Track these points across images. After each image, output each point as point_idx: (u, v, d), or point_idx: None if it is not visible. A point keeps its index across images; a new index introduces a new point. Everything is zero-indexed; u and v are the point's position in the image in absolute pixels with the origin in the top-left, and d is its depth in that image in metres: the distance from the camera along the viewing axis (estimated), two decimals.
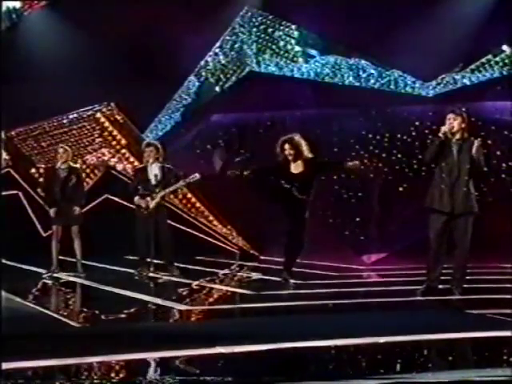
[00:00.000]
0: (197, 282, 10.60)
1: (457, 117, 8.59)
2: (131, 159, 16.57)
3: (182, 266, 11.54)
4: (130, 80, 15.58)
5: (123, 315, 8.00)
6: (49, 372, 5.13)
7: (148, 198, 11.03)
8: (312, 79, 16.68)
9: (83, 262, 11.68)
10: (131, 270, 11.38)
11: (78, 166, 12.93)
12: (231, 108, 16.79)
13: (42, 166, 16.37)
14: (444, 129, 8.55)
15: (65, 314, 8.15)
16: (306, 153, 9.68)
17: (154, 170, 11.16)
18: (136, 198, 11.15)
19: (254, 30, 17.11)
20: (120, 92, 15.88)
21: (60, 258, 11.61)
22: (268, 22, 17.12)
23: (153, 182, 11.10)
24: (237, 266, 13.99)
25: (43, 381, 4.99)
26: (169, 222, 11.58)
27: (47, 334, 6.59)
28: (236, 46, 17.29)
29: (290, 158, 9.64)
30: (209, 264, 13.57)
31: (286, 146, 9.67)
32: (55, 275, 11.28)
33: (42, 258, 11.69)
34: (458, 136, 8.59)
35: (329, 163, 10.92)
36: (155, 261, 11.31)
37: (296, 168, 9.68)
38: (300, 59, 16.91)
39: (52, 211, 11.54)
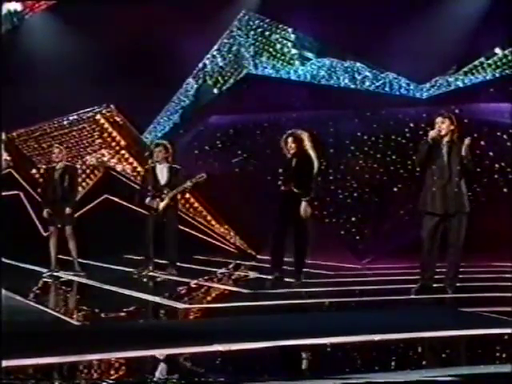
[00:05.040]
0: (195, 281, 10.67)
1: (445, 120, 8.63)
2: (130, 160, 16.67)
3: (180, 265, 11.61)
4: (130, 82, 15.65)
5: (122, 313, 8.04)
6: (48, 369, 5.18)
7: (157, 200, 11.06)
8: (308, 81, 16.77)
9: (83, 261, 11.73)
10: (131, 269, 11.44)
11: (73, 165, 12.94)
12: (229, 110, 16.88)
13: (43, 166, 16.46)
14: (432, 133, 8.59)
15: (64, 312, 8.22)
16: (308, 148, 9.66)
17: (162, 171, 11.17)
18: (147, 200, 11.09)
19: (252, 33, 17.17)
20: (120, 94, 15.96)
21: (62, 257, 11.70)
22: (265, 25, 17.21)
23: (162, 182, 11.13)
24: (234, 264, 14.04)
25: (43, 378, 5.01)
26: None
27: (47, 332, 6.64)
28: (233, 48, 17.35)
29: (292, 151, 9.64)
30: (207, 263, 13.69)
31: (289, 140, 9.68)
32: (55, 274, 11.31)
33: (43, 257, 11.71)
34: (447, 138, 8.62)
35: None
36: (155, 260, 11.42)
37: (294, 163, 9.67)
38: (296, 62, 16.98)
39: (45, 212, 11.53)
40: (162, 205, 11.06)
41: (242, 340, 5.90)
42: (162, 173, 11.18)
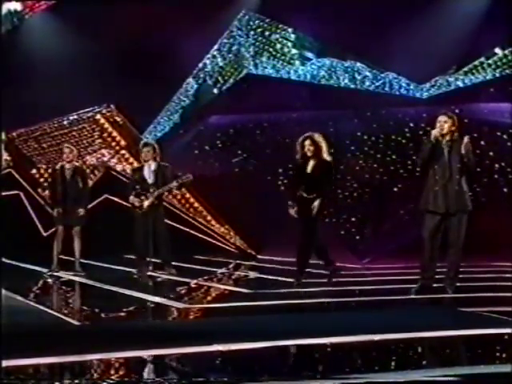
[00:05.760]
0: (195, 281, 10.70)
1: (447, 119, 8.63)
2: (130, 160, 16.68)
3: (180, 264, 11.64)
4: (130, 82, 15.68)
5: (122, 313, 8.08)
6: (48, 369, 5.20)
7: (142, 198, 11.06)
8: (308, 81, 16.79)
9: (83, 261, 11.77)
10: (131, 269, 11.45)
11: (82, 166, 12.99)
12: (229, 110, 16.89)
13: (43, 166, 16.49)
14: (434, 132, 8.60)
15: (65, 312, 8.24)
16: (325, 153, 9.72)
17: (150, 169, 11.16)
18: (131, 197, 11.13)
19: (252, 32, 17.19)
20: (120, 94, 15.98)
21: (62, 257, 11.73)
22: (265, 25, 17.22)
23: (149, 181, 11.12)
24: (234, 264, 14.06)
25: (43, 378, 5.02)
26: (166, 221, 11.56)
27: (47, 332, 6.65)
28: (234, 48, 17.37)
29: (309, 154, 9.67)
30: (207, 263, 13.69)
31: (306, 143, 9.70)
32: (56, 274, 11.34)
33: (43, 257, 11.76)
34: (448, 137, 8.62)
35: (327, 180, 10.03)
36: (154, 260, 11.44)
37: (310, 167, 9.71)
38: (296, 62, 16.99)
39: (55, 211, 11.56)
40: (146, 203, 11.06)
41: (241, 340, 5.90)
42: (150, 171, 11.19)
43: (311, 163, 9.68)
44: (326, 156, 9.72)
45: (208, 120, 17.34)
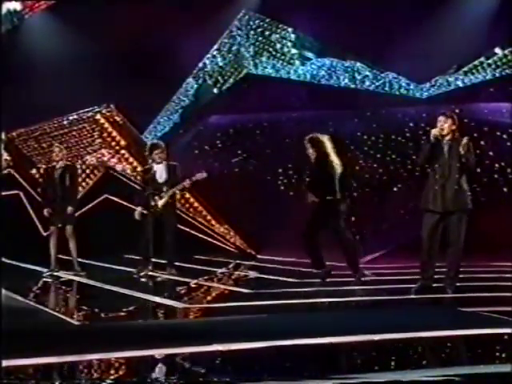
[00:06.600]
0: (195, 281, 10.71)
1: (447, 119, 8.64)
2: (130, 160, 16.69)
3: (180, 264, 11.63)
4: (130, 82, 15.69)
5: (122, 313, 8.08)
6: (48, 369, 5.20)
7: (156, 198, 11.07)
8: (308, 81, 16.81)
9: (83, 261, 11.76)
10: (131, 269, 11.46)
11: (73, 164, 12.96)
12: (229, 110, 16.90)
13: (43, 166, 16.48)
14: (434, 132, 8.61)
15: (64, 312, 8.26)
16: (329, 151, 9.72)
17: (160, 169, 11.17)
18: (137, 210, 11.15)
19: (252, 32, 17.23)
20: (120, 94, 15.99)
21: (62, 257, 11.73)
22: (265, 25, 17.26)
23: (160, 180, 11.14)
24: (234, 264, 14.05)
25: (43, 378, 5.03)
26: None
27: (47, 332, 6.66)
28: (233, 48, 17.40)
29: (312, 156, 9.71)
30: (207, 263, 13.69)
31: (308, 145, 9.75)
32: (56, 274, 11.35)
33: (43, 257, 11.73)
34: (448, 137, 8.63)
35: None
36: (155, 260, 11.43)
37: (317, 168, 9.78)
38: (296, 61, 17.03)
39: (45, 211, 11.53)
40: (160, 203, 11.08)
41: (241, 340, 5.90)
42: (161, 172, 11.19)
43: (314, 164, 9.75)
44: (331, 156, 9.71)
45: (208, 120, 17.36)
